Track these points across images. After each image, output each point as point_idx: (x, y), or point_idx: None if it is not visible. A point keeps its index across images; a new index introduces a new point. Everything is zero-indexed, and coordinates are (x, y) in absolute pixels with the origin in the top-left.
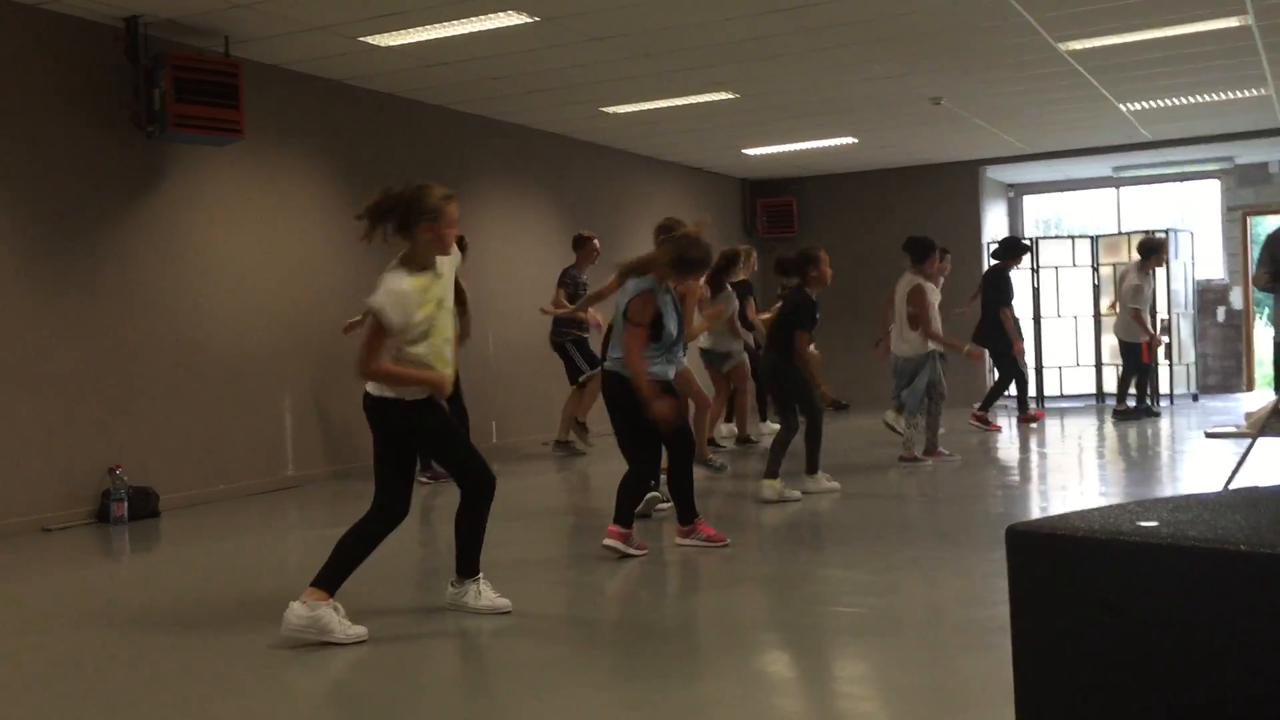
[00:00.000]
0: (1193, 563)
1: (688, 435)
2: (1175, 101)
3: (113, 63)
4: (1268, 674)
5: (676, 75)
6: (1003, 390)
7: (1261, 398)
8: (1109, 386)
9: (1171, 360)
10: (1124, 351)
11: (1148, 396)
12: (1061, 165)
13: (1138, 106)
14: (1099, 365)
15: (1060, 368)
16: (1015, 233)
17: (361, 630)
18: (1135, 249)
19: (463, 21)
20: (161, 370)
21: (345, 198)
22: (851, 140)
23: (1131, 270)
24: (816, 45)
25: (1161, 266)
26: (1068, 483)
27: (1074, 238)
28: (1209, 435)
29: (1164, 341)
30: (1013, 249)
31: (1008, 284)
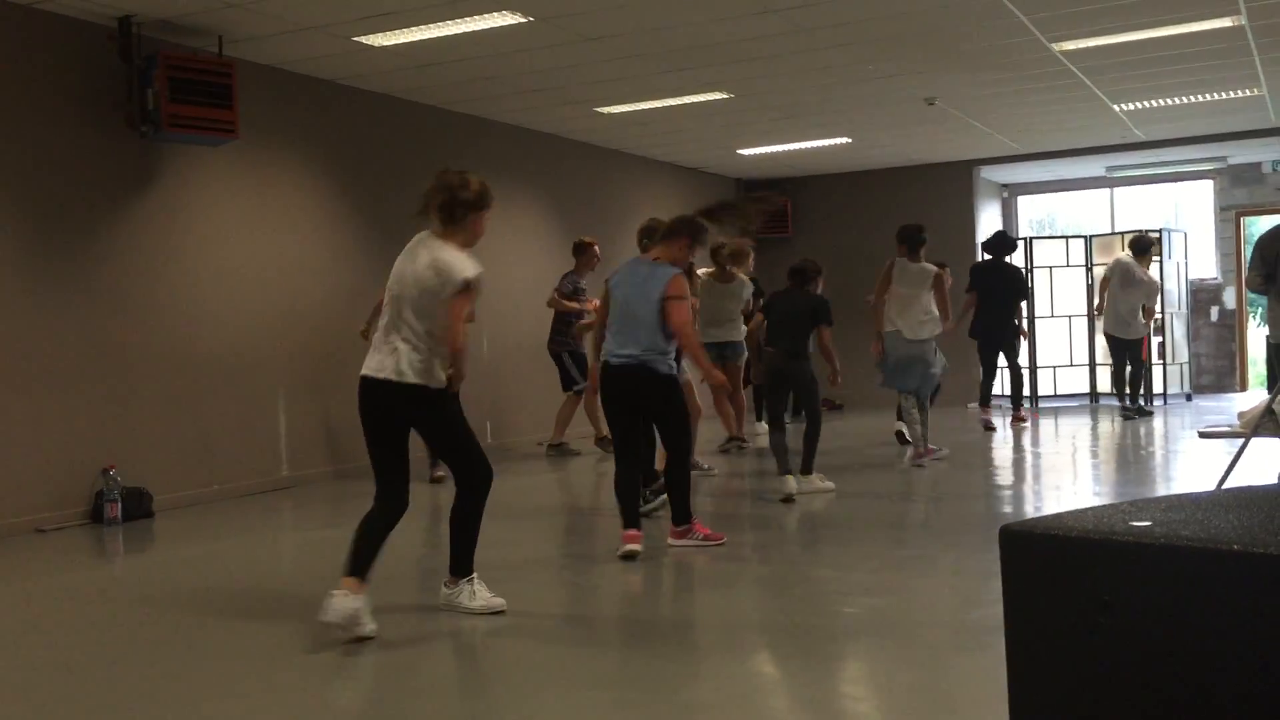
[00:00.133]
0: (1186, 562)
1: (685, 437)
2: (1168, 102)
3: (106, 63)
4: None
5: (670, 75)
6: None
7: (1254, 398)
8: (1103, 386)
9: (1165, 360)
10: (1128, 348)
11: (1140, 396)
12: (1055, 165)
13: (1131, 107)
14: (1093, 365)
15: (1054, 367)
16: (1010, 233)
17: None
18: (1130, 246)
19: (456, 21)
20: (155, 370)
21: (339, 198)
22: (846, 140)
23: (1135, 268)
24: (810, 45)
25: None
26: (1061, 482)
27: (1068, 238)
28: (1202, 435)
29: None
30: (1012, 242)
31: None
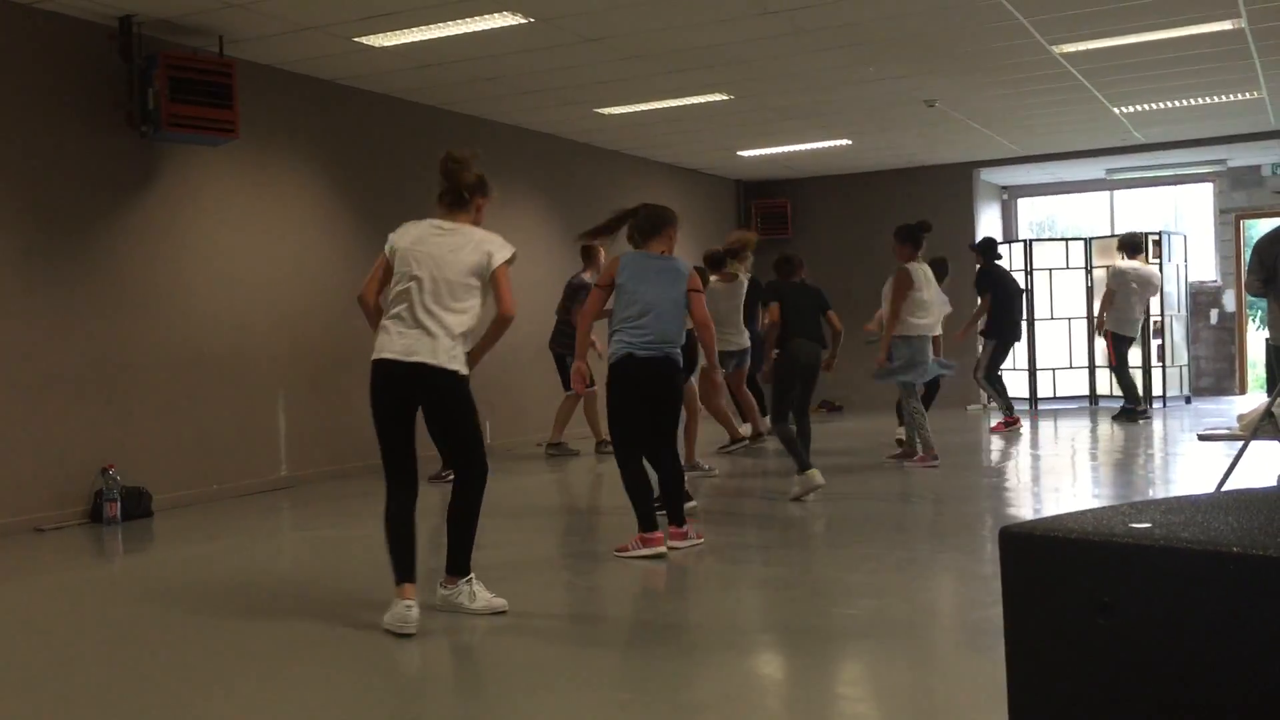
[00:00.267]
0: (1185, 564)
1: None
2: (1168, 104)
3: (107, 62)
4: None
5: (671, 77)
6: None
7: (1254, 400)
8: (1102, 388)
9: (1164, 363)
10: (1121, 344)
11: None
12: (1055, 168)
13: (1131, 109)
14: (1092, 367)
15: (1054, 370)
16: (1010, 235)
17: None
18: (1126, 248)
19: (457, 22)
20: (155, 369)
21: (339, 198)
22: (846, 142)
23: (1140, 268)
24: (811, 47)
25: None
26: (1061, 484)
27: (1067, 240)
28: (1202, 438)
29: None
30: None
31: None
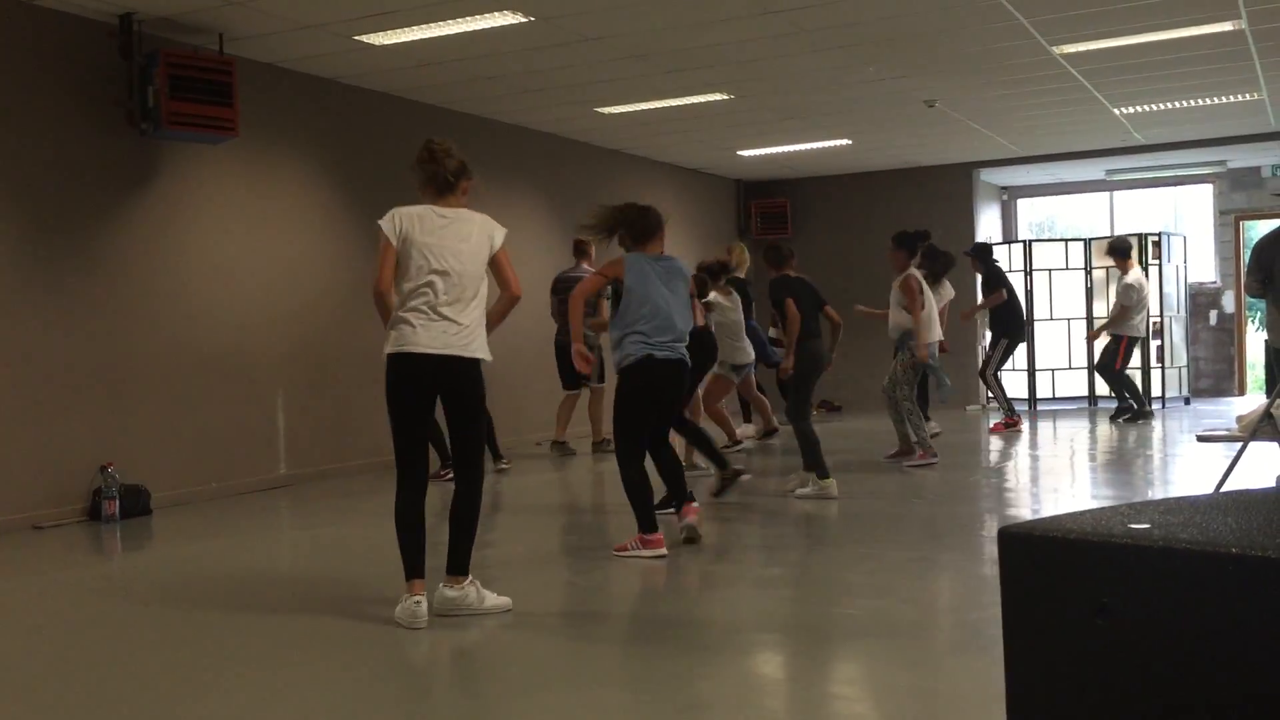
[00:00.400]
0: (1184, 565)
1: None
2: (1168, 105)
3: (107, 60)
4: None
5: (671, 76)
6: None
7: (1253, 401)
8: (1101, 389)
9: (1164, 364)
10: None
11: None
12: (1055, 168)
13: (1131, 110)
14: (1091, 368)
15: (1053, 370)
16: (1009, 235)
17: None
18: (1113, 253)
19: (457, 21)
20: (154, 367)
21: (338, 196)
22: (846, 142)
23: (1135, 278)
24: (811, 47)
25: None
26: (1060, 485)
27: (1067, 240)
28: (1200, 439)
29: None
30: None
31: None
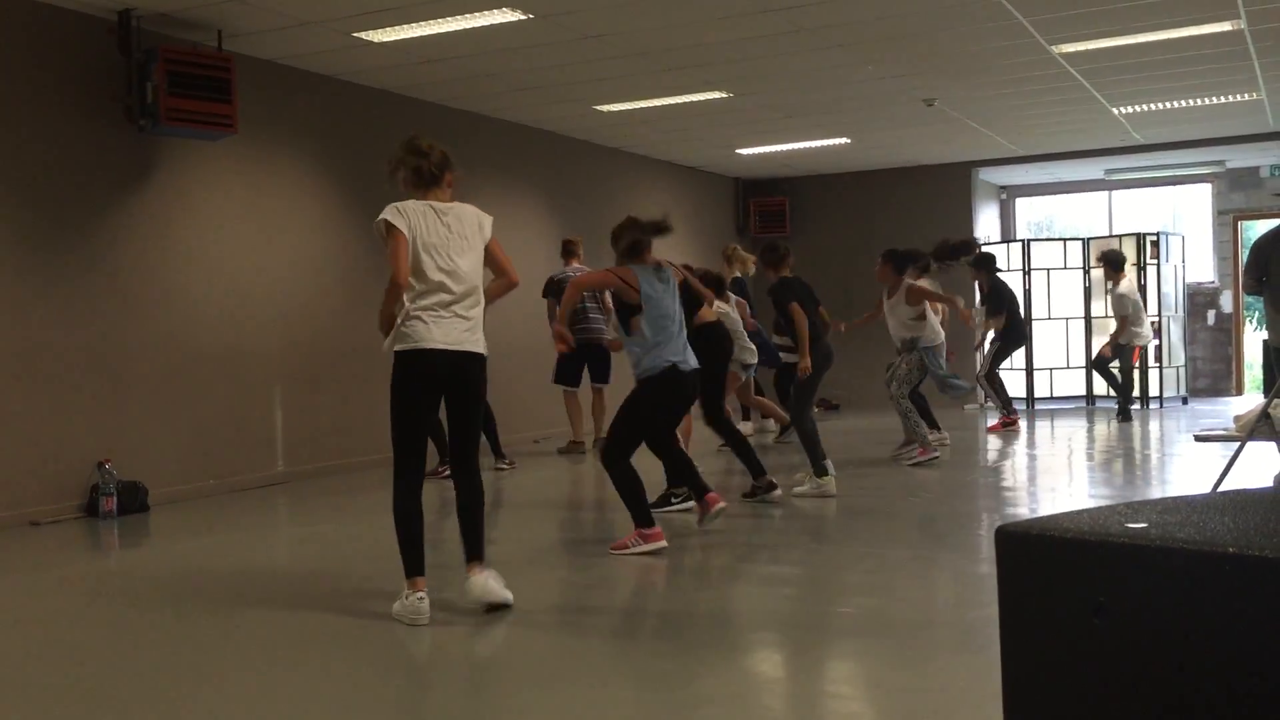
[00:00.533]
0: (1181, 564)
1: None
2: (1167, 105)
3: (105, 56)
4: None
5: (670, 74)
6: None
7: (1250, 401)
8: (1099, 389)
9: (1161, 363)
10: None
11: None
12: (1054, 168)
13: (1130, 110)
14: (1089, 367)
15: (1051, 370)
16: (1008, 234)
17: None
18: (1107, 264)
19: (456, 18)
20: (152, 364)
21: (337, 193)
22: (845, 141)
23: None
24: (810, 45)
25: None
26: (1057, 484)
27: (1065, 240)
28: (1198, 438)
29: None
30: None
31: None
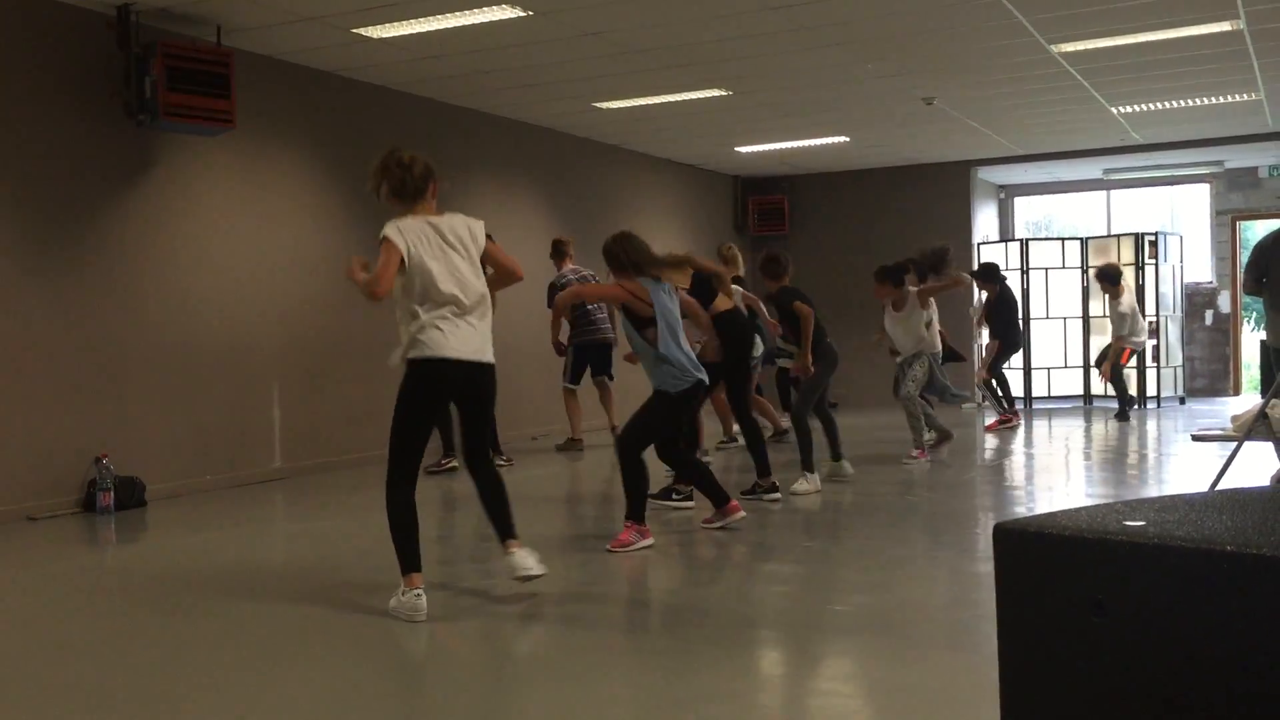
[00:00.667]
0: (1179, 563)
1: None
2: (1166, 105)
3: (104, 51)
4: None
5: (669, 71)
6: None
7: (1248, 401)
8: (1096, 388)
9: (1159, 363)
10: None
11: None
12: (1052, 167)
13: (1129, 109)
14: (1087, 367)
15: (1049, 369)
16: (1006, 234)
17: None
18: (1104, 279)
19: (456, 14)
20: (149, 359)
21: (335, 189)
22: (844, 139)
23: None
24: (810, 44)
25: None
26: (1055, 483)
27: (1064, 239)
28: (1195, 438)
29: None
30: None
31: None
